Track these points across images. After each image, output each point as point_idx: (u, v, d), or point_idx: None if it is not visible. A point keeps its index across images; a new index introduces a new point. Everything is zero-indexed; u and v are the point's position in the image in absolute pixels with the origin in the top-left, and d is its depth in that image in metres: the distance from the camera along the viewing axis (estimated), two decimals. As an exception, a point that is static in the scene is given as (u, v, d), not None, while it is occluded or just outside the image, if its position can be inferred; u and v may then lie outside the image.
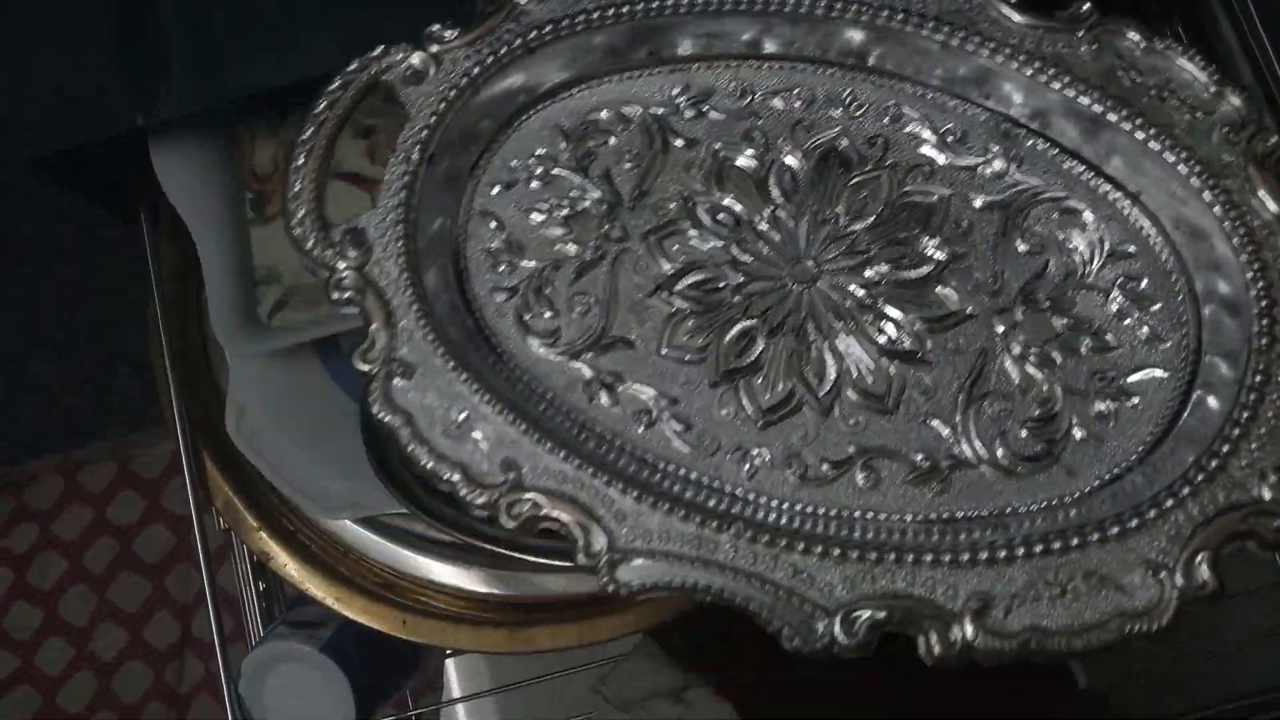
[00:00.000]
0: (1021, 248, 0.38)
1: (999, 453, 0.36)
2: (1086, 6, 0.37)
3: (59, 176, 0.53)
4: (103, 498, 1.27)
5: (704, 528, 0.34)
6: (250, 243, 0.54)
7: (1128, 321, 0.37)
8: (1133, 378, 0.36)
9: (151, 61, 0.49)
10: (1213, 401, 0.35)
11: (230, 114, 0.56)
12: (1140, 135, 0.36)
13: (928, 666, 0.32)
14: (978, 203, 0.39)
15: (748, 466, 0.37)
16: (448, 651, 0.59)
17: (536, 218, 0.40)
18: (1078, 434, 0.36)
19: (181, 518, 1.23)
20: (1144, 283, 0.37)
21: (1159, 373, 0.36)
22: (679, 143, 0.41)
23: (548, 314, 0.39)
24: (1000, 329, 0.37)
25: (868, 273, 0.38)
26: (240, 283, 0.53)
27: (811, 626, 0.32)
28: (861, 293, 0.38)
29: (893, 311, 0.38)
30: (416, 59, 0.40)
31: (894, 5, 0.39)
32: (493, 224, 0.40)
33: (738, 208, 0.40)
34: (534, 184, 0.41)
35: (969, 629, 0.32)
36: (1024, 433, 0.36)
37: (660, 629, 0.51)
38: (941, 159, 0.39)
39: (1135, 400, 0.36)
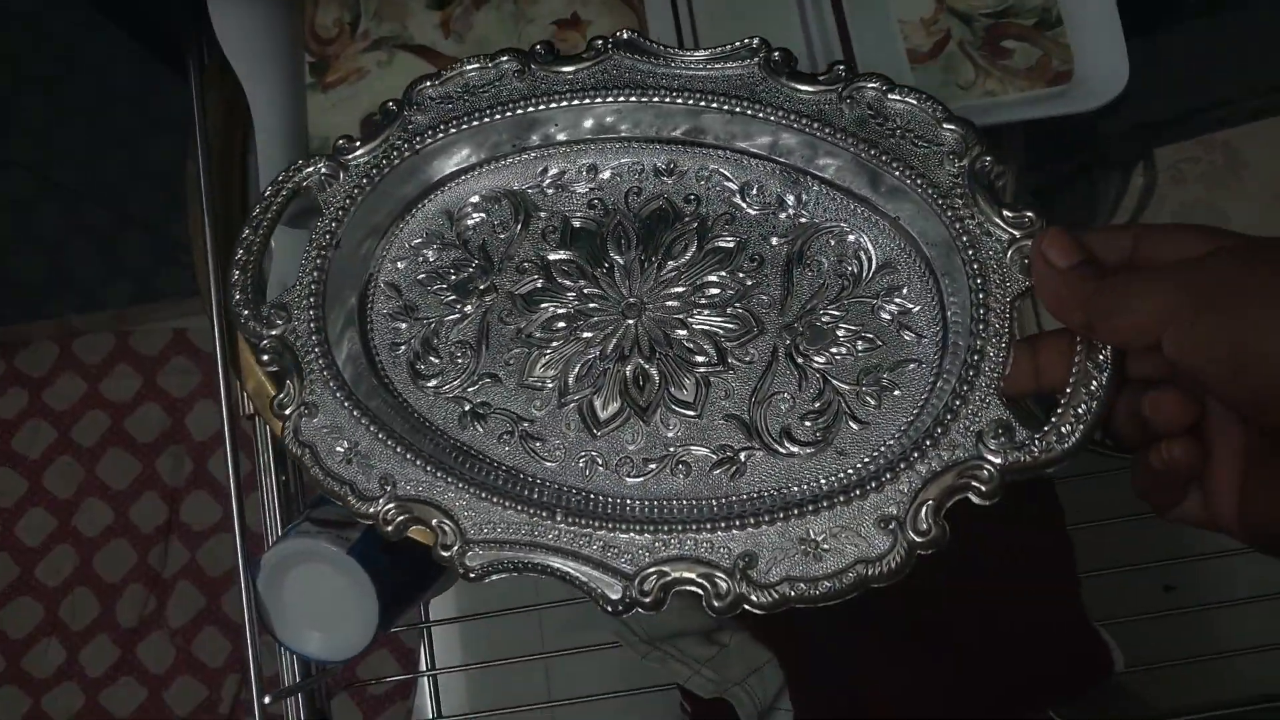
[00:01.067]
0: (806, 273, 0.44)
1: (784, 441, 0.41)
2: (839, 68, 0.44)
3: (106, 11, 0.49)
4: (98, 370, 1.17)
5: (534, 517, 0.40)
6: (306, 110, 0.52)
7: (891, 325, 0.42)
8: (895, 371, 0.41)
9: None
10: (954, 383, 0.39)
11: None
12: (889, 169, 0.42)
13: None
14: (772, 241, 0.45)
15: (588, 470, 0.43)
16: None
17: (428, 284, 0.48)
18: (849, 422, 0.41)
19: (178, 400, 1.15)
20: (905, 292, 0.42)
21: (915, 366, 0.41)
22: (540, 214, 0.48)
23: (434, 360, 0.46)
24: (786, 340, 0.43)
25: (680, 303, 0.45)
26: (294, 152, 0.50)
27: (614, 589, 0.38)
28: (676, 319, 0.44)
29: (700, 331, 0.44)
30: (326, 167, 0.49)
31: (701, 87, 0.46)
32: (392, 292, 0.48)
33: (581, 262, 0.47)
34: (426, 257, 0.49)
35: (737, 580, 0.37)
36: (806, 423, 0.41)
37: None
38: (745, 208, 0.46)
39: (897, 390, 0.41)
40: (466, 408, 0.45)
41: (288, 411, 0.44)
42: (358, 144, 0.49)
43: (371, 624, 0.48)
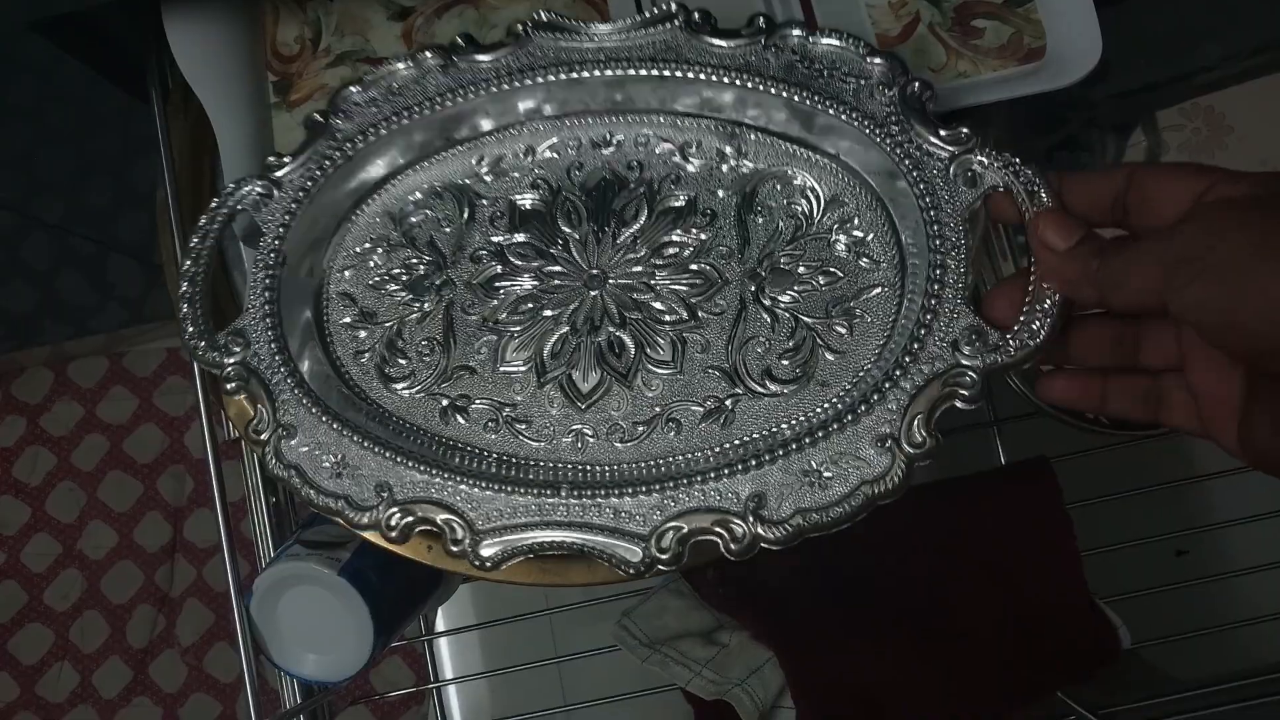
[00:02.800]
0: (758, 220, 0.44)
1: (766, 382, 0.41)
2: (761, 20, 0.43)
3: (62, 43, 0.46)
4: (94, 394, 1.16)
5: (541, 497, 0.39)
6: (272, 131, 0.50)
7: (848, 256, 0.42)
8: (859, 299, 0.41)
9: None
10: (920, 300, 0.40)
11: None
12: (823, 108, 0.42)
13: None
14: (719, 194, 0.44)
15: (580, 444, 0.42)
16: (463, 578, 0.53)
17: (381, 288, 0.46)
18: (826, 354, 0.41)
19: (175, 419, 1.14)
20: (855, 222, 0.42)
21: (879, 290, 0.41)
22: (483, 202, 0.47)
23: (402, 362, 0.45)
24: (751, 286, 0.43)
25: (642, 267, 0.44)
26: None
27: (633, 551, 0.37)
28: (640, 283, 0.44)
29: (666, 291, 0.43)
30: (260, 186, 0.46)
31: (625, 56, 0.45)
32: (347, 302, 0.46)
33: (536, 242, 0.46)
34: (374, 262, 0.47)
35: (751, 521, 0.37)
36: (784, 362, 0.41)
37: (691, 570, 0.50)
38: (687, 166, 0.45)
39: (866, 317, 0.41)
40: (445, 403, 0.44)
41: (264, 436, 0.42)
42: (286, 159, 0.47)
43: (367, 643, 0.47)
